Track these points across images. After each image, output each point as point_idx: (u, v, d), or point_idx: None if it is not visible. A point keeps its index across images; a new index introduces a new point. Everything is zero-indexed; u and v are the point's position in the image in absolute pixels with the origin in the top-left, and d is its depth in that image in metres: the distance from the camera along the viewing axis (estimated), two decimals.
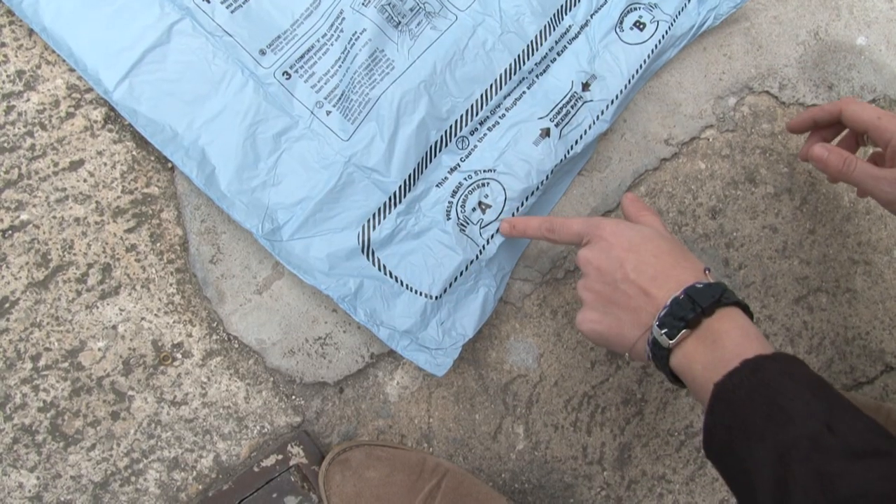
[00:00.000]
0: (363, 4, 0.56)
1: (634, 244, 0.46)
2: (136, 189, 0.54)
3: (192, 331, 0.54)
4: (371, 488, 0.52)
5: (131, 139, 0.54)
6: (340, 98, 0.55)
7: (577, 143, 0.60)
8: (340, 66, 0.55)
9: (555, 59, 0.61)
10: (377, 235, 0.54)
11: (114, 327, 0.53)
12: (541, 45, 0.60)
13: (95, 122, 0.54)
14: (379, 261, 0.55)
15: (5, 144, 0.52)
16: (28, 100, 0.52)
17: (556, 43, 0.61)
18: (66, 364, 0.52)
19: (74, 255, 0.52)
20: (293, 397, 0.56)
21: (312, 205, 0.53)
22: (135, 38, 0.51)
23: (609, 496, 0.64)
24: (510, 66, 0.59)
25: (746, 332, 0.41)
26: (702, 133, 0.67)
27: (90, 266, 0.53)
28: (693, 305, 0.41)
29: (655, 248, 0.46)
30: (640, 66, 0.61)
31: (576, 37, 0.61)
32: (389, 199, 0.55)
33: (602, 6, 0.62)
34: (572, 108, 0.60)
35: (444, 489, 0.54)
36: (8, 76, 0.52)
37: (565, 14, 0.61)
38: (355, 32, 0.55)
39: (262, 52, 0.54)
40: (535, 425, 0.62)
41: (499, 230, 0.57)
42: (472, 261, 0.57)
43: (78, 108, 0.53)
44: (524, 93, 0.60)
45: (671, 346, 0.42)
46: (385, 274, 0.55)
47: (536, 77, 0.60)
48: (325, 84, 0.55)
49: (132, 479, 0.53)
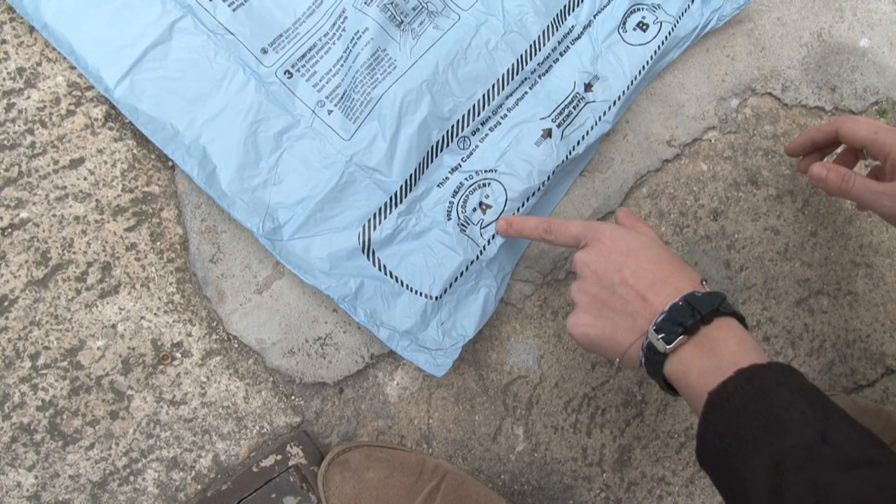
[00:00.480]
0: (365, 3, 0.56)
1: (633, 250, 0.46)
2: (137, 187, 0.54)
3: (192, 330, 0.54)
4: (370, 489, 0.52)
5: (132, 137, 0.54)
6: (342, 97, 0.55)
7: (578, 143, 0.59)
8: (342, 66, 0.55)
9: (557, 60, 0.61)
10: (378, 235, 0.54)
11: (113, 326, 0.53)
12: (544, 45, 0.59)
13: (96, 119, 0.53)
14: (379, 261, 0.55)
15: (5, 142, 0.51)
16: (28, 97, 0.52)
17: (559, 43, 0.60)
18: (65, 363, 0.51)
19: (74, 253, 0.52)
20: (293, 397, 0.56)
21: (313, 204, 0.53)
22: (136, 35, 0.51)
23: (609, 498, 0.64)
24: (513, 65, 0.59)
25: (743, 341, 0.41)
26: (704, 134, 0.67)
27: (90, 265, 0.52)
28: (692, 312, 0.41)
29: (654, 255, 0.46)
30: (643, 67, 0.61)
31: (579, 37, 0.61)
32: (390, 199, 0.55)
33: (605, 7, 0.62)
34: (574, 108, 0.60)
35: (444, 491, 0.54)
36: (8, 73, 0.52)
37: (569, 14, 0.61)
38: (357, 31, 0.55)
39: (264, 51, 0.54)
40: (534, 427, 0.62)
41: (496, 229, 0.57)
42: (473, 261, 0.57)
43: (78, 106, 0.53)
44: (526, 93, 0.60)
45: (668, 351, 0.42)
46: (385, 274, 0.55)
47: (539, 77, 0.60)
48: (327, 83, 0.55)
49: (131, 478, 0.52)
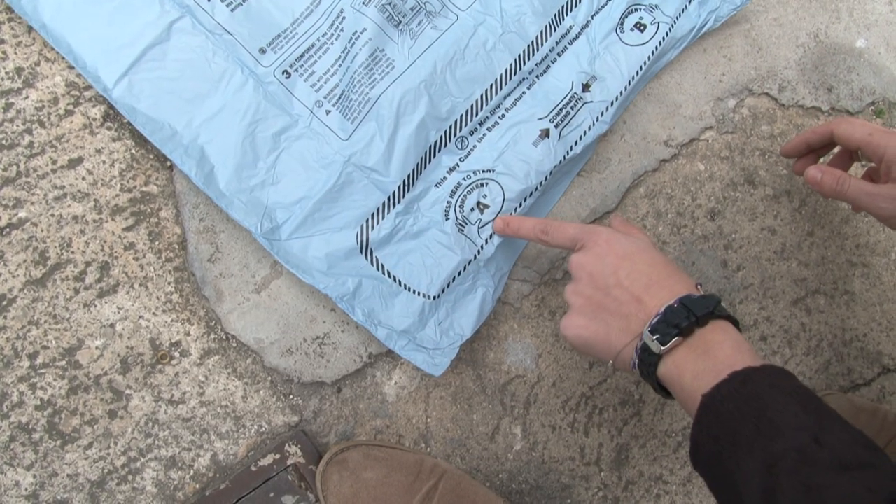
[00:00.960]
0: (364, 4, 0.56)
1: (629, 253, 0.46)
2: (135, 187, 0.54)
3: (190, 329, 0.54)
4: (368, 489, 0.52)
5: (130, 137, 0.54)
6: (340, 97, 0.55)
7: (576, 144, 0.60)
8: (340, 66, 0.55)
9: (555, 60, 0.61)
10: (376, 235, 0.54)
11: (111, 326, 0.53)
12: (541, 45, 0.60)
13: (94, 119, 0.53)
14: (377, 260, 0.55)
15: (4, 142, 0.51)
16: (27, 97, 0.52)
17: (556, 43, 0.60)
18: (63, 362, 0.52)
19: (72, 253, 0.52)
20: (291, 397, 0.56)
21: (311, 204, 0.53)
22: (134, 35, 0.51)
23: (606, 497, 0.64)
24: (511, 66, 0.59)
25: (738, 344, 0.41)
26: (701, 135, 0.67)
27: (88, 264, 0.53)
28: (688, 314, 0.41)
29: (650, 259, 0.46)
30: (641, 68, 0.61)
31: (576, 37, 0.61)
32: (388, 199, 0.55)
33: (603, 7, 0.62)
34: (572, 108, 0.60)
35: (442, 490, 0.54)
36: (7, 73, 0.52)
37: (566, 14, 0.61)
38: (356, 32, 0.55)
39: (262, 51, 0.54)
40: (532, 426, 0.62)
41: (492, 228, 0.57)
42: (471, 261, 0.57)
43: (77, 106, 0.53)
44: (524, 93, 0.60)
45: (662, 352, 0.42)
46: (383, 274, 0.55)
47: (537, 77, 0.60)
48: (325, 83, 0.55)
49: (129, 477, 0.52)
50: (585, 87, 0.60)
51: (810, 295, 0.70)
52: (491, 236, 0.57)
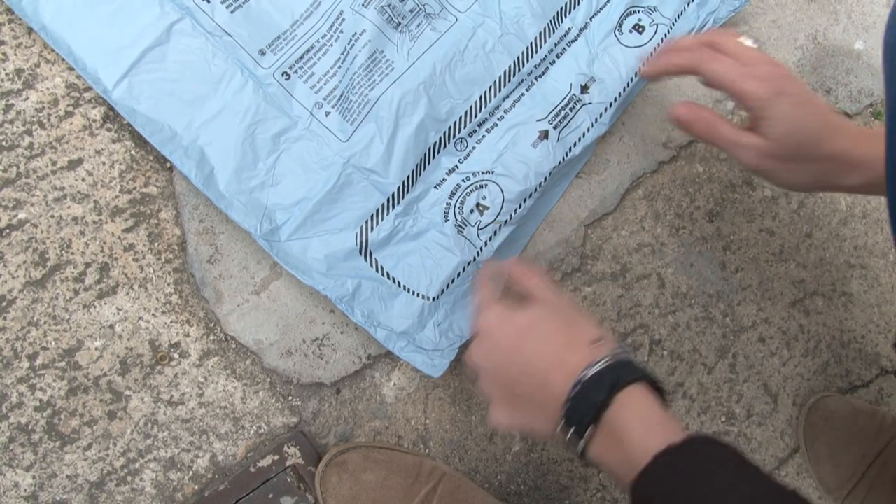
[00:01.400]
0: (363, 5, 0.56)
1: (521, 335, 0.45)
2: (135, 188, 0.54)
3: (190, 331, 0.54)
4: (367, 491, 0.52)
5: (130, 138, 0.54)
6: (340, 99, 0.55)
7: (575, 145, 0.60)
8: (340, 67, 0.55)
9: (554, 62, 0.61)
10: (375, 236, 0.55)
11: (111, 327, 0.53)
12: (540, 47, 0.60)
13: (94, 121, 0.54)
14: (377, 262, 0.55)
15: (4, 143, 0.52)
16: (27, 98, 0.52)
17: (555, 45, 0.61)
18: (62, 363, 0.52)
19: (72, 254, 0.52)
20: (290, 398, 0.56)
21: (311, 205, 0.53)
22: (134, 37, 0.51)
23: (605, 498, 0.64)
24: (509, 67, 0.59)
25: (647, 420, 0.39)
26: None
27: (88, 265, 0.53)
28: (590, 403, 0.40)
29: (544, 333, 0.44)
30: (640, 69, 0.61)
31: (575, 39, 0.61)
32: (388, 201, 0.55)
33: (602, 9, 0.62)
34: (571, 110, 0.60)
35: (441, 493, 0.54)
36: (7, 74, 0.52)
37: (565, 16, 0.61)
38: (355, 33, 0.55)
39: (262, 53, 0.54)
40: None
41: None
42: (470, 262, 0.57)
43: (77, 107, 0.53)
44: (523, 95, 0.60)
45: (582, 446, 0.41)
46: (383, 275, 0.55)
47: (535, 79, 0.60)
48: (325, 85, 0.55)
49: (128, 478, 0.53)
50: (584, 89, 0.60)
51: (808, 296, 0.70)
52: (490, 238, 0.57)
